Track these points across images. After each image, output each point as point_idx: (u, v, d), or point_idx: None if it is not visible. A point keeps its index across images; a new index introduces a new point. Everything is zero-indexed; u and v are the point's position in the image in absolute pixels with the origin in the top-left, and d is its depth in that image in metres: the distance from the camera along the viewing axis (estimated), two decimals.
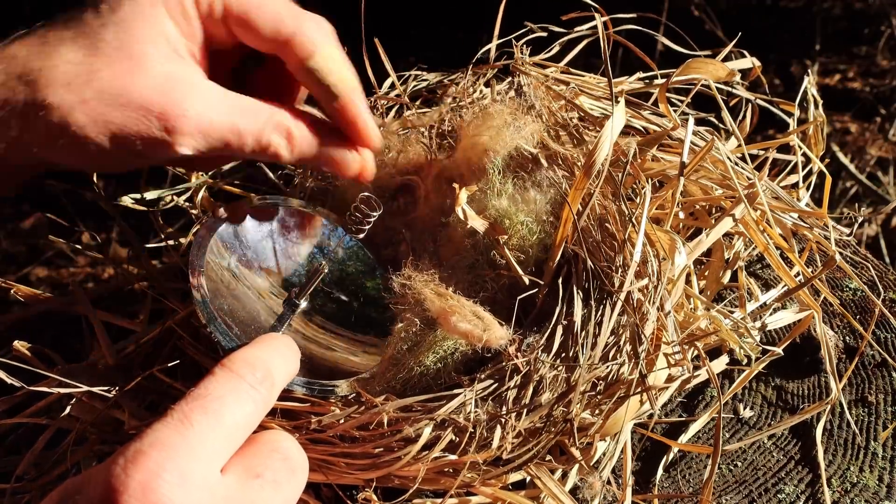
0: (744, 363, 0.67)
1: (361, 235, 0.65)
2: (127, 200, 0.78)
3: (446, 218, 0.66)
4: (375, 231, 0.67)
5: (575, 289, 0.59)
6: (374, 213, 0.64)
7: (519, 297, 0.59)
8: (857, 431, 0.64)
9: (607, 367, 0.56)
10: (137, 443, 0.42)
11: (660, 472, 0.61)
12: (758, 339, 0.66)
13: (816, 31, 2.24)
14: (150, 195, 0.80)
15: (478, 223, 0.62)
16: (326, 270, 0.62)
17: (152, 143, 0.51)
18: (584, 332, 0.57)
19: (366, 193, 0.64)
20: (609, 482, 0.59)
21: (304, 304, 0.61)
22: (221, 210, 0.63)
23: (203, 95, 0.53)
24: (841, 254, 0.65)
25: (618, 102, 0.62)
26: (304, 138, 0.56)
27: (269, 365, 0.49)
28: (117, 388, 0.61)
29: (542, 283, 0.62)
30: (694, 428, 0.64)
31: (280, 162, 0.57)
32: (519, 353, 0.56)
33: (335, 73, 0.56)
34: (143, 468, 0.40)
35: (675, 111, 0.72)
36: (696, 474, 0.62)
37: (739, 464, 0.63)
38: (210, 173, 0.82)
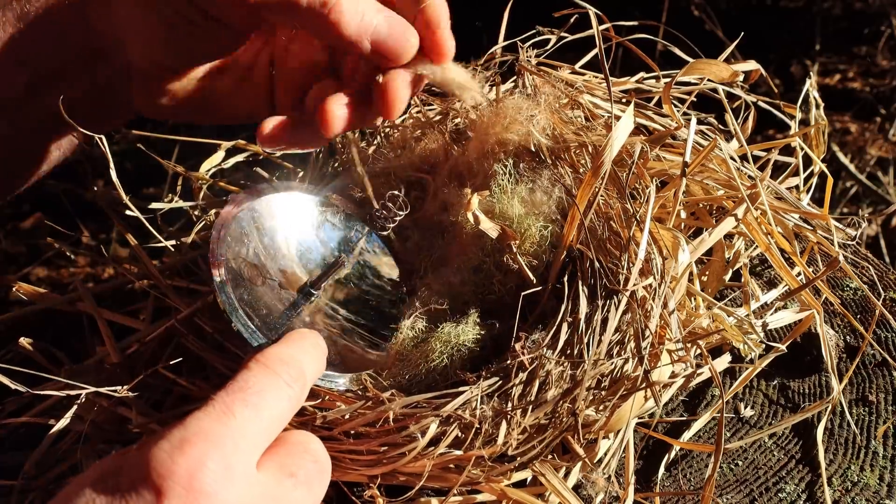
0: (747, 359, 0.67)
1: (386, 232, 0.65)
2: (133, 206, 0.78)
3: (454, 217, 0.66)
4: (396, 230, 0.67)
5: (580, 286, 0.59)
6: (401, 213, 0.64)
7: (523, 294, 0.59)
8: (857, 431, 0.64)
9: (612, 363, 0.56)
10: (182, 430, 0.42)
11: (661, 470, 0.62)
12: (761, 335, 0.66)
13: (816, 31, 2.25)
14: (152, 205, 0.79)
15: (489, 228, 0.62)
16: (346, 264, 0.63)
17: None
18: (588, 330, 0.57)
19: (394, 192, 0.64)
20: (612, 480, 0.60)
21: (318, 293, 0.61)
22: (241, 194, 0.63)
23: None
24: (842, 254, 0.65)
25: (627, 105, 0.63)
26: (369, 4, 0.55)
27: (301, 364, 0.49)
28: (123, 386, 0.61)
29: (547, 281, 0.62)
30: (695, 427, 0.64)
31: (339, 26, 0.55)
32: (525, 350, 0.56)
33: None
34: (189, 456, 0.41)
35: (677, 111, 0.72)
36: (697, 473, 0.62)
37: (740, 462, 0.63)
38: (210, 173, 0.82)
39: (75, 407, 0.64)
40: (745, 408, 0.67)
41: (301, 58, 0.63)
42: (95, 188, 0.77)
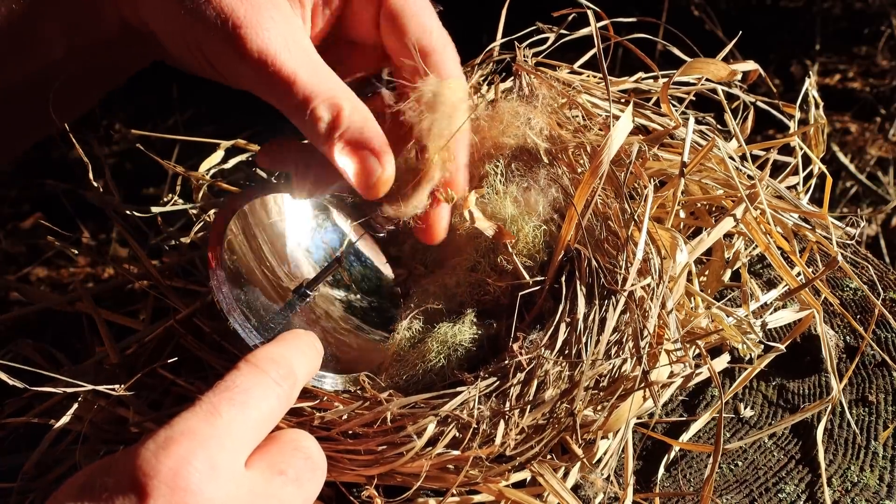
0: (746, 359, 0.67)
1: (382, 234, 0.65)
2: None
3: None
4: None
5: (578, 286, 0.59)
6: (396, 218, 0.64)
7: (521, 293, 0.59)
8: (857, 431, 0.64)
9: (610, 363, 0.56)
10: (168, 430, 0.42)
11: (661, 471, 0.62)
12: (760, 335, 0.66)
13: (816, 31, 2.25)
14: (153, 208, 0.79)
15: (486, 226, 0.62)
16: (342, 264, 0.63)
17: (213, 41, 0.54)
18: (587, 330, 0.57)
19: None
20: (611, 481, 0.60)
21: (314, 293, 0.61)
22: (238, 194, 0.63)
23: (287, 32, 0.54)
24: (842, 254, 0.65)
25: (626, 104, 0.63)
26: (349, 130, 0.54)
27: (291, 363, 0.49)
28: (122, 386, 0.61)
29: (543, 281, 0.62)
30: (695, 427, 0.64)
31: (310, 135, 0.55)
32: (522, 350, 0.56)
33: None
34: (174, 455, 0.41)
35: (675, 111, 0.72)
36: (696, 473, 0.62)
37: (740, 463, 0.63)
38: (210, 173, 0.82)
39: (76, 406, 0.64)
40: (745, 408, 0.67)
41: None
42: (95, 188, 0.76)
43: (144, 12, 0.58)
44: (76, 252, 0.86)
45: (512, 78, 0.74)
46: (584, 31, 0.75)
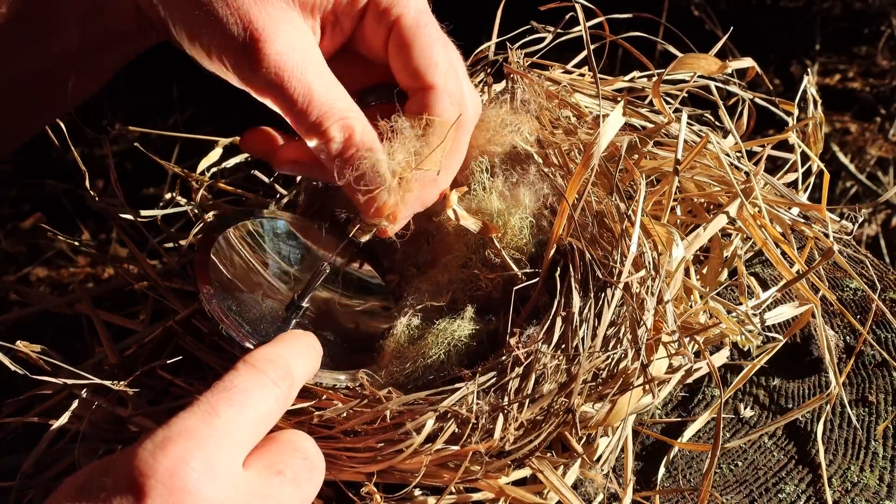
0: (745, 349, 0.66)
1: (364, 239, 0.65)
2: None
3: (436, 217, 0.66)
4: (372, 239, 0.68)
5: (572, 281, 0.59)
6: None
7: (515, 288, 0.59)
8: (858, 429, 0.64)
9: (608, 356, 0.56)
10: (165, 430, 0.42)
11: (661, 470, 0.61)
12: (759, 326, 0.65)
13: (816, 31, 2.25)
14: (148, 212, 0.79)
15: (470, 223, 0.63)
16: (328, 272, 0.63)
17: (228, 47, 0.54)
18: (583, 324, 0.57)
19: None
20: (611, 479, 0.59)
21: (306, 304, 0.61)
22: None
23: (302, 47, 0.55)
24: (840, 251, 0.65)
25: (618, 102, 0.63)
26: (358, 152, 0.56)
27: (289, 363, 0.49)
28: (121, 381, 0.61)
29: (536, 276, 0.62)
30: (695, 426, 0.64)
31: (322, 155, 0.56)
32: (520, 345, 0.56)
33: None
34: (171, 455, 0.41)
35: (669, 108, 0.72)
36: (696, 473, 0.62)
37: (740, 463, 0.63)
38: (209, 173, 0.82)
39: (75, 405, 0.64)
40: (745, 409, 0.67)
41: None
42: (94, 193, 0.76)
43: (162, 6, 0.58)
44: (77, 243, 0.86)
45: (504, 80, 0.74)
46: (579, 30, 0.75)
